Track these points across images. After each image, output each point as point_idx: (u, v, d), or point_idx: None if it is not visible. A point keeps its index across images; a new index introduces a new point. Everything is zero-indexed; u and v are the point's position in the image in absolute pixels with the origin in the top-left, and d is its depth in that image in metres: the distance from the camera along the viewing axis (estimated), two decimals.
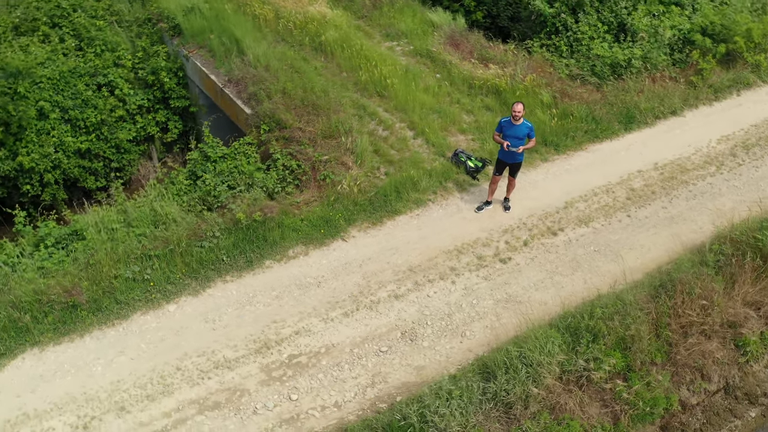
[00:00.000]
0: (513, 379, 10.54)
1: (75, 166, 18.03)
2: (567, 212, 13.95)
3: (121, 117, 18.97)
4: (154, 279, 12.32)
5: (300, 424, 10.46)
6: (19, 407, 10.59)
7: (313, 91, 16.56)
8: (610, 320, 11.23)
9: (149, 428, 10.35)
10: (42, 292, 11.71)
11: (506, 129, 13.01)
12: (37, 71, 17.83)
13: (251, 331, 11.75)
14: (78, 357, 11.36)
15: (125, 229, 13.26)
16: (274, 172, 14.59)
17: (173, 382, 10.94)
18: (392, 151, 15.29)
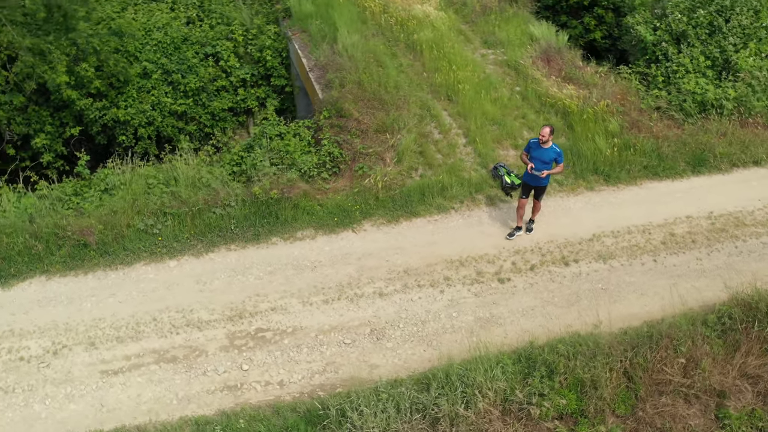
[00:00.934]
0: (445, 395, 10.38)
1: (169, 126, 19.63)
2: (590, 244, 13.28)
3: (223, 87, 20.38)
4: (164, 234, 13.28)
5: (239, 393, 10.86)
6: (9, 324, 11.91)
7: (385, 86, 16.91)
8: (571, 359, 10.69)
9: (107, 366, 11.23)
10: (61, 227, 13.07)
11: (533, 150, 12.62)
12: (154, 35, 19.66)
13: (233, 299, 12.36)
14: (75, 291, 12.55)
15: (162, 185, 14.38)
16: (315, 157, 15.10)
17: (145, 330, 11.78)
18: (438, 155, 15.29)
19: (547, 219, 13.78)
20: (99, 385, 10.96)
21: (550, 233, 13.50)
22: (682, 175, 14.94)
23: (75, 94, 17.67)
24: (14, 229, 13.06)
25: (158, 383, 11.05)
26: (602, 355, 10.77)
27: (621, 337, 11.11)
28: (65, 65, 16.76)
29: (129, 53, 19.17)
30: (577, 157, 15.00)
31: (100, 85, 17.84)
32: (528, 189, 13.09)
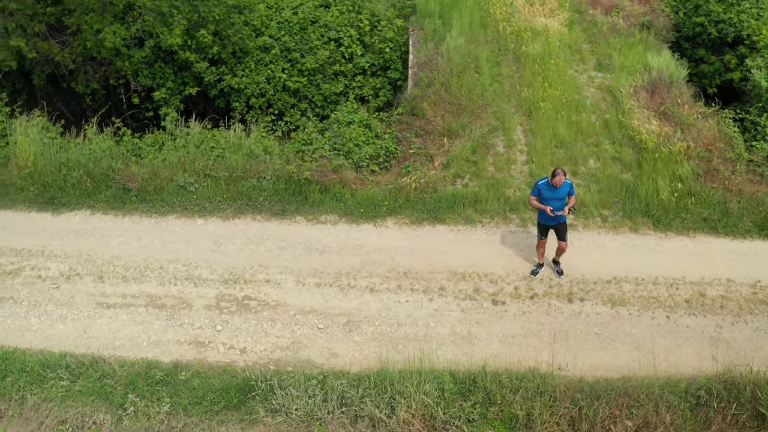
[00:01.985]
0: (370, 396, 10.33)
1: (280, 100, 20.72)
2: (605, 286, 12.45)
3: (341, 72, 21.13)
4: (199, 194, 14.30)
5: (202, 350, 11.57)
6: (44, 246, 13.51)
7: (470, 92, 16.83)
8: (513, 392, 10.19)
9: (104, 299, 12.44)
10: (114, 169, 14.43)
11: (546, 193, 11.97)
12: (284, 14, 20.83)
13: (237, 265, 13.09)
14: (109, 228, 13.90)
15: (220, 149, 15.36)
16: (371, 149, 15.39)
17: (149, 276, 12.86)
18: (491, 167, 14.98)
19: (575, 252, 13.10)
20: (90, 314, 12.21)
21: (570, 266, 12.83)
22: (744, 236, 13.50)
23: (193, 56, 19.26)
24: (75, 165, 14.73)
25: (138, 324, 12.06)
26: (548, 397, 10.33)
27: (578, 384, 10.52)
28: (182, 29, 18.39)
29: (255, 27, 20.57)
30: (630, 196, 14.10)
31: (217, 51, 19.33)
32: (546, 230, 12.50)
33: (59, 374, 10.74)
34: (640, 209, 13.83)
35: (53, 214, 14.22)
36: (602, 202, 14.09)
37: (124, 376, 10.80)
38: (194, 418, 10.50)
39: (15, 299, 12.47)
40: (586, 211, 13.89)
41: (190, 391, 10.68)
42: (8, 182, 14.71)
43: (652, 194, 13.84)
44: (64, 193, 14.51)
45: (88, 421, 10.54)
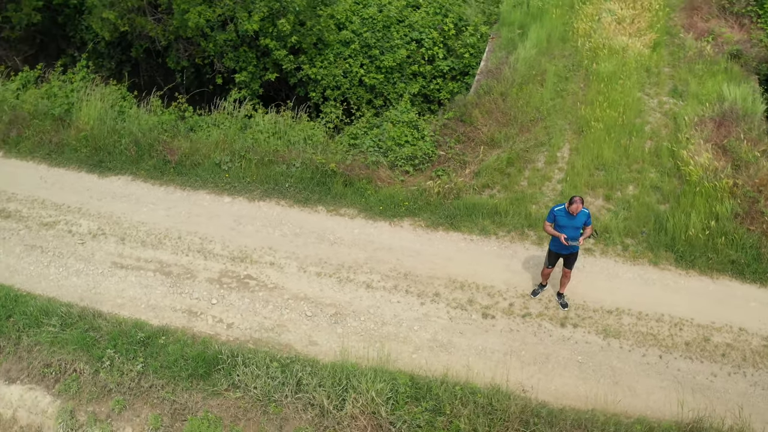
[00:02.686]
0: (325, 386, 10.43)
1: (355, 94, 21.12)
2: (604, 316, 11.94)
3: (420, 73, 21.26)
4: (231, 173, 14.90)
5: (192, 319, 12.17)
6: (83, 204, 14.56)
7: (526, 104, 16.53)
8: (463, 405, 9.99)
9: (120, 260, 13.27)
10: (159, 141, 15.26)
11: (562, 220, 11.48)
12: (369, 11, 21.19)
13: (249, 244, 13.61)
14: (144, 195, 14.76)
15: (262, 132, 15.91)
16: (409, 149, 15.44)
17: (166, 244, 13.58)
18: (524, 181, 14.66)
19: (585, 276, 12.67)
20: (104, 271, 13.06)
21: (574, 291, 12.40)
22: None
23: (273, 43, 20.02)
24: (127, 133, 15.71)
25: (143, 287, 12.81)
26: (498, 416, 10.10)
27: (536, 408, 10.20)
28: (261, 15, 19.12)
29: (338, 21, 21.07)
30: (658, 227, 13.43)
31: (296, 41, 19.98)
32: (555, 258, 12.06)
33: (52, 322, 11.71)
34: (665, 242, 13.16)
35: (99, 176, 15.31)
36: (628, 230, 13.52)
37: (109, 332, 11.56)
38: (162, 381, 11.08)
39: (43, 249, 13.58)
40: (608, 237, 13.38)
41: (164, 355, 11.29)
42: (66, 142, 15.92)
43: (681, 228, 13.15)
44: (111, 158, 15.60)
45: (69, 368, 11.38)
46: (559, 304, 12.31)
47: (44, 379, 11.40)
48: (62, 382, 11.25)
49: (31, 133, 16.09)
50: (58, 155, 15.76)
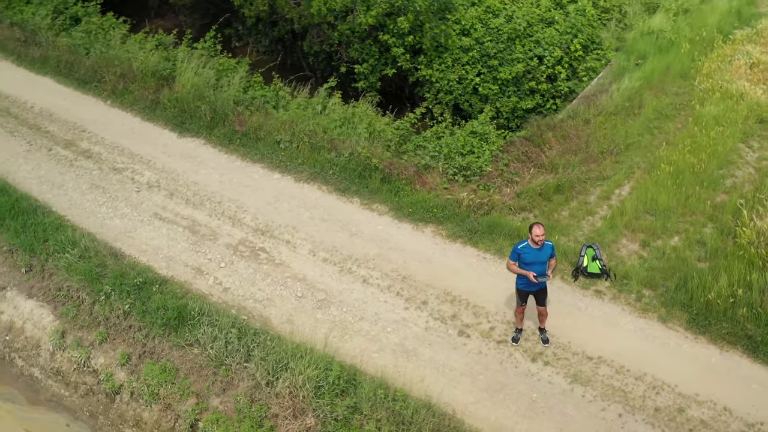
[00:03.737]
0: (265, 362, 10.81)
1: (467, 102, 21.03)
2: (581, 361, 11.24)
3: (537, 90, 20.77)
4: (287, 152, 15.66)
5: (197, 276, 13.15)
6: (153, 158, 16.08)
7: (605, 136, 15.83)
8: (380, 409, 9.92)
9: (161, 211, 14.57)
10: (233, 111, 16.27)
11: (528, 256, 10.97)
12: (497, 20, 20.99)
13: (276, 220, 14.35)
14: (208, 159, 16.03)
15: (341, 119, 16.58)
16: (465, 160, 15.34)
17: (206, 205, 14.67)
18: (564, 211, 14.10)
19: (583, 317, 12.03)
20: (143, 219, 14.39)
21: (564, 329, 11.78)
22: None
23: (392, 40, 20.48)
24: (209, 100, 16.92)
25: (169, 240, 13.97)
26: (411, 429, 9.97)
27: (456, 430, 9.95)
28: (380, 11, 19.62)
29: (463, 27, 21.08)
30: (680, 284, 12.30)
31: (413, 40, 20.28)
32: (526, 296, 11.59)
33: (73, 251, 13.12)
34: (682, 300, 12.08)
35: (178, 136, 16.74)
36: (649, 280, 12.59)
37: (114, 271, 12.79)
38: (140, 324, 12.18)
39: (104, 190, 15.15)
40: (625, 284, 12.54)
41: (150, 302, 12.34)
42: (160, 101, 17.51)
43: (703, 289, 12.03)
44: (192, 121, 16.97)
45: (74, 295, 12.79)
46: (541, 340, 11.77)
47: (53, 301, 12.97)
48: (65, 306, 12.74)
49: (135, 87, 17.94)
50: (151, 111, 17.46)
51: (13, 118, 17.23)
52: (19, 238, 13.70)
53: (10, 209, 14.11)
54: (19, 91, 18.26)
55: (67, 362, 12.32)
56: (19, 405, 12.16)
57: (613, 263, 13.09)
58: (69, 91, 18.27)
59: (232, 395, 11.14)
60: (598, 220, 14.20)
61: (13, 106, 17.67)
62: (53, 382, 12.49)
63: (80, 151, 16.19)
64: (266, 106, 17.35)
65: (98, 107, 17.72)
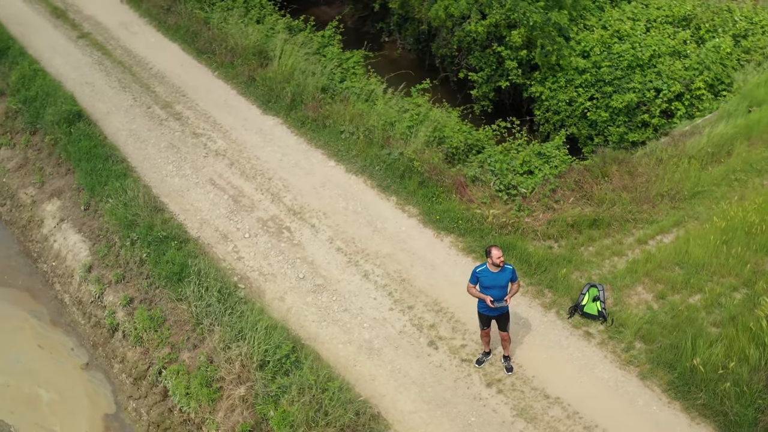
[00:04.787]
0: (231, 329, 11.62)
1: (573, 125, 20.31)
2: (536, 398, 10.89)
3: (649, 123, 19.65)
4: (347, 143, 16.28)
5: (220, 242, 14.20)
6: (234, 130, 17.38)
7: (672, 179, 14.87)
8: (308, 394, 10.23)
9: (215, 178, 15.70)
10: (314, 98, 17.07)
11: (486, 280, 10.75)
12: (620, 47, 20.03)
13: (311, 204, 15.01)
14: (277, 138, 17.00)
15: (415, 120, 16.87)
16: (515, 178, 15.07)
17: (256, 179, 15.66)
18: (591, 246, 13.50)
19: (561, 357, 11.56)
20: (198, 182, 15.68)
21: (534, 365, 11.41)
22: None
23: (506, 52, 20.25)
24: (295, 84, 17.74)
25: (212, 204, 15.15)
26: (326, 421, 10.28)
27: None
28: (492, 21, 19.45)
29: (582, 47, 20.34)
30: (675, 342, 11.29)
31: (526, 55, 19.92)
32: (487, 320, 11.33)
33: (121, 198, 14.52)
34: (668, 360, 11.23)
35: (261, 113, 17.77)
36: (647, 333, 11.78)
37: (145, 221, 14.04)
38: (149, 272, 13.35)
39: (178, 150, 16.56)
40: (620, 332, 11.85)
41: (163, 256, 13.43)
42: (256, 78, 18.56)
43: (691, 352, 11.06)
44: (277, 101, 17.91)
45: (110, 236, 14.23)
46: (505, 368, 11.52)
47: (93, 238, 14.59)
48: (99, 245, 14.30)
49: (239, 62, 19.21)
50: (246, 87, 18.65)
51: (131, 75, 19.26)
52: (85, 179, 15.49)
53: (87, 153, 15.93)
54: (147, 53, 20.27)
55: (87, 294, 13.91)
56: (42, 323, 13.97)
57: (616, 308, 12.47)
58: (187, 59, 20.00)
59: (198, 352, 12.08)
60: (622, 262, 13.51)
61: (136, 65, 19.72)
62: (75, 309, 14.16)
63: (173, 112, 17.82)
64: (352, 97, 18.09)
65: (205, 76, 19.27)
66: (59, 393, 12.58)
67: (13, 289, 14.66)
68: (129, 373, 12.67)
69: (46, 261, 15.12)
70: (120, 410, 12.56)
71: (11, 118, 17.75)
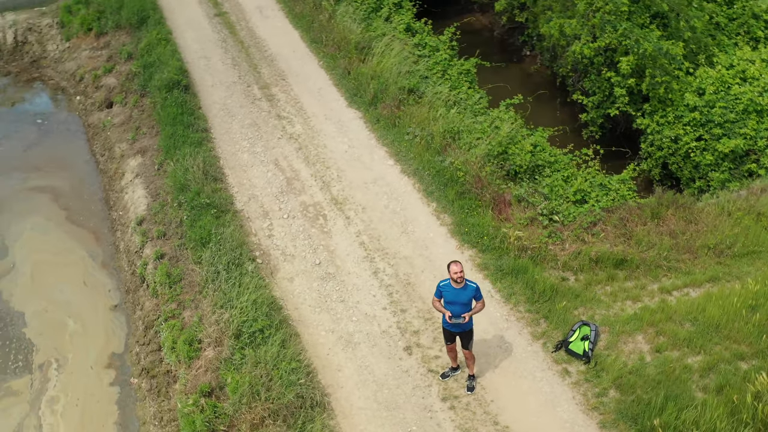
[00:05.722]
0: (224, 296, 12.16)
1: (675, 164, 19.02)
2: (484, 422, 10.75)
3: (754, 172, 17.90)
4: (410, 145, 16.55)
5: (259, 217, 15.16)
6: (313, 115, 18.10)
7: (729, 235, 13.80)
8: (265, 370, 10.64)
9: (280, 159, 16.65)
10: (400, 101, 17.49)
11: (448, 295, 10.76)
12: (740, 88, 18.44)
13: (355, 196, 15.54)
14: (352, 131, 17.74)
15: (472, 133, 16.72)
16: (562, 205, 14.67)
17: (315, 165, 16.38)
18: (607, 286, 12.95)
19: (529, 388, 11.29)
20: (263, 161, 16.70)
21: (498, 390, 11.23)
22: None
23: (616, 78, 19.33)
24: (378, 81, 18.16)
25: (267, 183, 16.20)
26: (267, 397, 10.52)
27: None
28: (602, 44, 18.67)
29: (698, 83, 18.93)
30: (649, 399, 10.43)
31: (633, 84, 18.88)
32: (450, 335, 11.27)
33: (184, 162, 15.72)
34: (633, 414, 10.50)
35: (346, 105, 18.46)
36: (626, 384, 11.16)
37: (196, 187, 15.14)
38: (182, 233, 14.51)
39: (258, 128, 17.67)
40: (598, 376, 11.26)
41: (199, 220, 14.46)
42: (351, 71, 19.22)
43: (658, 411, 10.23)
44: (361, 96, 18.47)
45: (165, 197, 15.61)
46: (466, 387, 11.46)
47: (153, 195, 16.28)
48: (156, 202, 15.73)
49: (341, 55, 19.99)
50: (341, 79, 19.40)
51: (245, 55, 20.66)
52: (165, 142, 17.00)
53: (173, 118, 17.41)
54: (268, 36, 21.59)
55: (133, 244, 15.38)
56: (95, 263, 15.60)
57: (605, 352, 11.95)
58: (301, 46, 21.11)
59: (195, 313, 12.96)
60: (626, 305, 12.79)
61: (253, 47, 21.10)
62: (123, 256, 15.83)
63: (268, 94, 18.98)
64: (438, 102, 18.12)
65: (310, 64, 20.25)
66: (83, 326, 14.14)
67: (84, 230, 16.47)
68: (143, 320, 13.96)
69: (116, 210, 16.85)
70: (126, 352, 13.86)
71: (130, 79, 19.78)
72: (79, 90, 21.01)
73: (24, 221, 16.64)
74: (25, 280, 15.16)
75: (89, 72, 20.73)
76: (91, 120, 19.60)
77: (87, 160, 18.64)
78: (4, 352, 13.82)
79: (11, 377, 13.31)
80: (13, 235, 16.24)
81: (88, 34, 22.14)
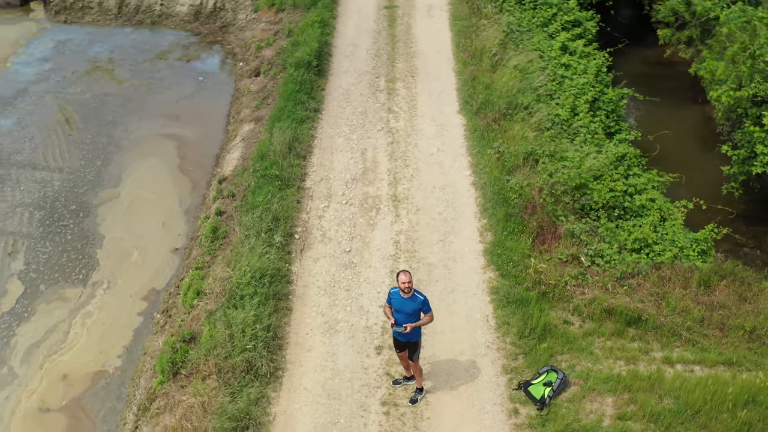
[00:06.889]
0: (241, 261, 12.69)
1: None
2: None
3: None
4: (493, 157, 16.25)
5: (319, 199, 15.89)
6: (422, 115, 18.35)
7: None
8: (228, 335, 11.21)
9: (370, 150, 17.44)
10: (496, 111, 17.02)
11: (396, 303, 10.77)
12: None
13: (415, 197, 15.78)
14: (447, 136, 17.94)
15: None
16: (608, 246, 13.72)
17: (396, 161, 16.87)
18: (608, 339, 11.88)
19: (473, 417, 11.07)
20: (352, 148, 17.62)
21: (441, 412, 11.13)
22: None
23: (759, 135, 17.14)
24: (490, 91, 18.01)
25: (344, 169, 17.15)
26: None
27: None
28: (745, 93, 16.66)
29: None
30: None
31: None
32: (396, 343, 11.28)
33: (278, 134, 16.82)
34: None
35: (457, 110, 18.63)
36: None
37: (272, 159, 16.22)
38: (242, 196, 15.55)
39: (365, 117, 18.55)
40: (547, 422, 10.72)
41: (262, 188, 15.51)
42: (474, 76, 19.11)
43: None
44: (470, 102, 18.48)
45: (248, 162, 16.53)
46: (410, 400, 11.54)
47: (243, 159, 17.26)
48: (241, 166, 16.84)
49: (474, 61, 19.89)
50: (464, 84, 19.36)
51: (390, 48, 21.41)
52: (274, 113, 18.25)
53: (289, 94, 18.68)
54: (421, 34, 22.10)
55: (209, 199, 16.84)
56: (179, 208, 17.36)
57: (565, 403, 11.39)
58: (446, 47, 21.38)
59: (217, 268, 13.98)
60: (622, 369, 11.67)
61: (402, 42, 21.76)
62: (202, 207, 17.11)
63: (391, 88, 19.63)
64: (546, 123, 17.49)
65: (445, 66, 20.49)
66: (143, 259, 15.89)
67: (187, 179, 18.27)
68: (187, 266, 15.34)
69: (218, 166, 18.47)
70: (164, 290, 15.33)
71: (279, 55, 21.27)
72: (244, 57, 23.06)
73: (145, 161, 18.88)
74: (121, 210, 17.32)
75: (256, 42, 22.69)
76: (240, 85, 21.55)
77: (221, 119, 20.50)
78: (75, 263, 15.94)
79: (68, 286, 15.39)
80: (131, 170, 18.51)
81: (271, 8, 24.14)
